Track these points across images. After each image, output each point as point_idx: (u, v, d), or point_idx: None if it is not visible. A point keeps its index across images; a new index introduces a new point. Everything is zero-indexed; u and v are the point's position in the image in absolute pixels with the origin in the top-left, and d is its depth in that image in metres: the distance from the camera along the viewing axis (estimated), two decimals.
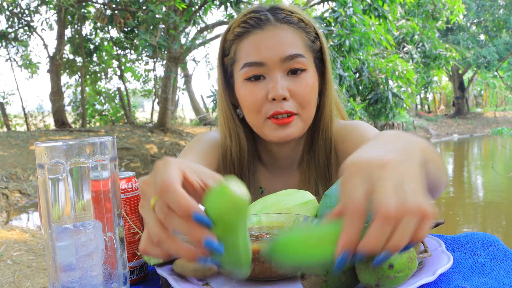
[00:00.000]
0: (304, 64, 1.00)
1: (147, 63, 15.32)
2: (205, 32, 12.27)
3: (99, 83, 15.48)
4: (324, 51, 1.07)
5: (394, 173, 0.50)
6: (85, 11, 11.61)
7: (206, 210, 0.53)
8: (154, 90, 15.58)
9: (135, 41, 11.34)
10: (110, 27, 11.67)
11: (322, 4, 8.28)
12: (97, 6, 10.92)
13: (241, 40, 1.01)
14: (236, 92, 1.05)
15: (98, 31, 12.79)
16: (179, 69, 12.61)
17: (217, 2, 8.58)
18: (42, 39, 13.53)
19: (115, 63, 15.07)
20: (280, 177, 1.14)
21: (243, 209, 0.53)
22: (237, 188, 0.53)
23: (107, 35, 13.55)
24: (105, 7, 9.94)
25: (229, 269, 0.56)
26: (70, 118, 14.70)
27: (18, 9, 12.02)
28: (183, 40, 8.82)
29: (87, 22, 12.90)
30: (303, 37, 1.02)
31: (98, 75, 15.18)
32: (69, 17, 12.12)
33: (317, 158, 1.09)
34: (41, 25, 20.99)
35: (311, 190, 1.07)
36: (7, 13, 11.74)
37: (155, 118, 14.55)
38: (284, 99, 0.97)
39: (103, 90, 15.77)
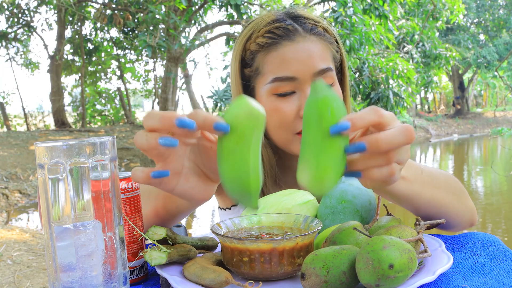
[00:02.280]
0: (333, 77, 0.98)
1: (147, 63, 15.33)
2: (206, 32, 12.28)
3: (99, 83, 15.50)
4: (344, 62, 1.05)
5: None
6: (84, 11, 11.60)
7: (224, 117, 0.55)
8: (154, 90, 15.58)
9: (135, 41, 11.34)
10: (110, 27, 11.68)
11: (322, 4, 8.27)
12: (97, 6, 10.91)
13: (268, 52, 0.96)
14: None
15: (98, 31, 12.79)
16: (179, 69, 12.63)
17: (217, 2, 8.58)
18: (42, 39, 13.55)
19: (114, 63, 15.08)
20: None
21: (258, 120, 0.54)
22: (255, 103, 0.55)
23: (107, 35, 13.56)
24: (105, 7, 9.94)
25: (235, 191, 0.55)
26: (70, 118, 14.71)
27: (18, 9, 12.02)
28: (183, 41, 8.81)
29: (87, 22, 12.91)
30: (329, 49, 1.00)
31: (98, 75, 15.18)
32: (69, 17, 12.13)
33: None
34: (41, 25, 21.00)
35: None
36: (7, 13, 11.74)
37: None
38: None
39: (103, 90, 15.78)
